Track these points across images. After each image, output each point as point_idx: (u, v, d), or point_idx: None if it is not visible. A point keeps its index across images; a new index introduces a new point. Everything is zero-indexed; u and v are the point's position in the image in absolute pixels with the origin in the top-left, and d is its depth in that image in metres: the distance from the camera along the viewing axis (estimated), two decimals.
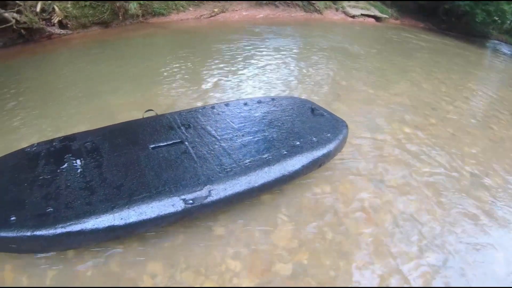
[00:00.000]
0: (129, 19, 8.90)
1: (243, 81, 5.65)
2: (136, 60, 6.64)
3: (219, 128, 3.23)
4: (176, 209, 2.39)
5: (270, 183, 2.73)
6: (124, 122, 3.39)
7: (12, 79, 5.64)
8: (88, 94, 4.97)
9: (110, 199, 2.39)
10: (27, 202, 2.41)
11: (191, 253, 2.59)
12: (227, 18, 9.90)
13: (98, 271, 2.48)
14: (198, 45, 7.56)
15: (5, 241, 2.25)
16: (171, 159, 2.81)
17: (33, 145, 3.02)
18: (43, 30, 7.95)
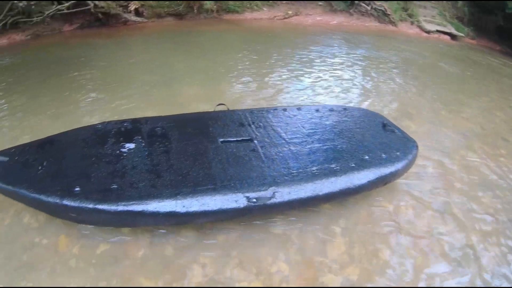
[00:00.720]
0: (203, 13, 9.11)
1: (311, 86, 5.58)
2: (208, 53, 6.74)
3: (289, 131, 3.19)
4: (238, 206, 2.38)
5: (334, 193, 2.67)
6: (195, 112, 3.44)
7: (87, 59, 5.91)
8: (158, 81, 5.11)
9: (175, 185, 2.42)
10: (93, 176, 2.50)
11: (245, 250, 2.58)
12: (300, 22, 9.85)
13: (150, 253, 2.52)
14: (269, 46, 7.57)
15: (67, 209, 2.34)
16: (239, 155, 2.80)
17: (104, 122, 3.14)
18: (120, 16, 8.37)
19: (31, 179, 2.50)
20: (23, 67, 6.11)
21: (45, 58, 6.57)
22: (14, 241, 2.70)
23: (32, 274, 2.51)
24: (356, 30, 9.97)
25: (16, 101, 4.67)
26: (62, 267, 2.51)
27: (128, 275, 2.40)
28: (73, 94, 4.80)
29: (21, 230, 2.77)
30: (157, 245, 2.56)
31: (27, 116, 4.29)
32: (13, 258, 2.62)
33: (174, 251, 2.53)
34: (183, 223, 2.60)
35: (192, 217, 2.36)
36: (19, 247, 2.66)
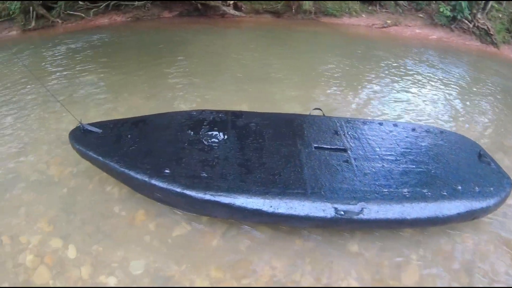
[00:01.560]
0: (301, 13, 9.08)
1: (406, 101, 5.38)
2: (303, 54, 6.73)
3: (383, 147, 3.09)
4: (325, 215, 2.33)
5: (421, 220, 2.54)
6: (291, 113, 3.42)
7: (183, 46, 6.10)
8: (252, 75, 5.19)
9: (265, 184, 2.42)
10: (184, 161, 2.57)
11: (318, 259, 2.54)
12: (398, 32, 9.51)
13: (224, 245, 2.55)
14: (366, 54, 7.40)
15: (154, 189, 2.43)
16: (332, 164, 2.75)
17: (199, 110, 3.21)
18: (218, 8, 8.66)
19: (122, 153, 2.61)
20: (122, 46, 6.48)
21: (143, 40, 6.92)
22: (94, 207, 2.83)
23: (104, 241, 2.63)
24: (455, 47, 9.45)
25: (114, 77, 4.94)
26: (136, 240, 2.60)
27: (199, 261, 2.44)
28: (167, 78, 5.00)
29: (102, 198, 2.90)
30: (232, 238, 2.58)
31: (122, 92, 4.51)
32: (90, 223, 2.75)
33: (247, 246, 2.53)
34: (266, 223, 2.59)
35: (277, 218, 2.35)
36: (98, 213, 2.79)
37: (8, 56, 6.67)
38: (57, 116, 4.10)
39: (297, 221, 2.40)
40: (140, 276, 2.39)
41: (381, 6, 9.63)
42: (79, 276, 2.44)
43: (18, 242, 2.74)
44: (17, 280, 2.49)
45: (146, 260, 2.46)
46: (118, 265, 2.46)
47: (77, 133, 2.90)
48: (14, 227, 2.84)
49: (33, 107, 4.49)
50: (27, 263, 2.58)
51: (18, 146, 3.76)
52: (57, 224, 2.81)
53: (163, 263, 2.44)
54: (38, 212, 2.92)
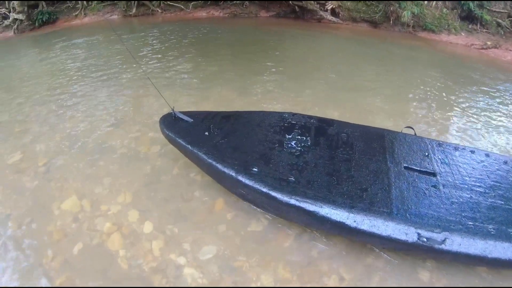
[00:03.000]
0: (398, 25, 8.90)
1: (500, 133, 5.06)
2: (397, 67, 6.63)
3: (473, 177, 2.94)
4: (407, 239, 2.28)
5: (501, 261, 2.39)
6: (382, 128, 3.36)
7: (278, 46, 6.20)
8: (345, 83, 5.16)
9: (352, 197, 2.39)
10: (273, 162, 2.59)
11: (385, 280, 2.48)
12: (498, 56, 8.96)
13: (297, 247, 2.55)
14: (462, 75, 7.01)
15: (239, 184, 2.47)
16: (419, 187, 2.67)
17: (291, 113, 3.23)
18: (316, 12, 8.76)
19: (211, 145, 2.69)
20: (217, 40, 6.69)
21: (239, 37, 7.10)
22: (175, 189, 2.95)
23: (181, 223, 2.73)
24: None
25: (208, 68, 5.13)
26: (211, 227, 2.68)
27: (269, 258, 2.47)
28: (259, 76, 5.10)
29: (185, 182, 3.02)
30: (305, 243, 2.58)
31: (214, 84, 4.66)
32: (170, 202, 2.88)
33: (319, 253, 2.52)
34: (346, 236, 2.55)
35: (359, 234, 2.31)
36: (179, 195, 2.91)
37: (112, 36, 7.17)
38: (151, 98, 4.32)
39: (377, 240, 2.35)
40: (207, 262, 2.46)
41: (482, 26, 9.22)
42: (150, 250, 2.56)
43: (98, 208, 2.92)
44: (91, 242, 2.66)
45: (217, 247, 2.52)
46: (189, 247, 2.55)
47: (168, 119, 3.02)
48: (97, 194, 3.04)
49: (130, 86, 4.78)
50: (104, 229, 2.75)
51: (112, 120, 4.02)
52: (138, 198, 2.96)
53: (233, 253, 2.49)
54: (121, 184, 3.11)
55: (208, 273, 2.40)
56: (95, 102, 4.49)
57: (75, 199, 3.03)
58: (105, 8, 9.26)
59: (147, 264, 2.49)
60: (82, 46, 7.25)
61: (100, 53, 6.59)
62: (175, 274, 2.41)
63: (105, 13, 9.21)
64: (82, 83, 5.21)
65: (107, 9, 9.28)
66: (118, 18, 9.10)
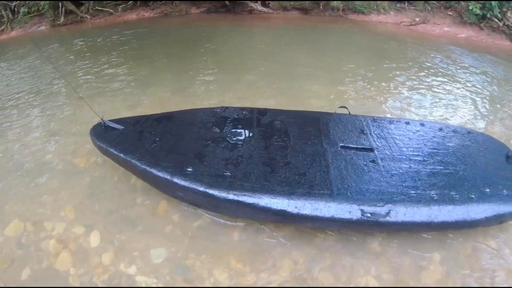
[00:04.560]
0: (329, 10, 9.03)
1: (433, 101, 5.28)
2: (330, 51, 6.69)
3: (410, 147, 3.00)
4: (351, 217, 2.27)
5: (448, 223, 2.46)
6: (316, 111, 3.36)
7: (210, 42, 6.15)
8: (279, 71, 5.18)
9: (290, 184, 2.37)
10: (207, 159, 2.54)
11: (338, 257, 2.51)
12: (427, 30, 9.33)
13: (246, 238, 2.54)
14: (393, 52, 7.30)
15: (176, 187, 2.40)
16: (358, 164, 2.68)
17: (223, 107, 3.18)
18: (246, 4, 8.74)
19: (144, 151, 2.60)
20: (149, 41, 6.57)
21: (171, 36, 7.00)
22: (118, 197, 2.88)
23: (128, 230, 2.68)
24: (485, 47, 9.22)
25: (141, 72, 5.01)
26: (158, 230, 2.63)
27: (220, 253, 2.45)
28: (194, 73, 5.03)
29: (126, 189, 2.95)
30: (254, 233, 2.58)
31: (148, 86, 4.58)
32: (114, 212, 2.81)
33: (269, 241, 2.52)
34: (290, 224, 2.55)
35: (302, 219, 2.30)
36: (122, 203, 2.85)
37: (37, 51, 6.84)
38: (84, 109, 4.17)
39: (322, 223, 2.35)
40: (160, 265, 2.42)
41: (410, 4, 9.50)
42: (100, 263, 2.49)
43: (43, 228, 2.81)
44: (40, 266, 2.56)
45: (167, 249, 2.49)
46: (139, 253, 2.50)
47: (99, 129, 2.92)
48: (39, 214, 2.93)
49: (61, 100, 4.61)
50: (50, 249, 2.64)
51: (46, 136, 3.87)
52: (81, 212, 2.87)
53: (183, 253, 2.46)
54: (63, 199, 3.00)
55: (161, 276, 2.36)
56: (26, 121, 4.29)
57: (17, 223, 2.89)
58: (32, 19, 8.75)
59: (99, 278, 2.42)
60: (9, 63, 6.88)
61: (30, 69, 6.28)
62: (129, 283, 2.35)
63: (32, 25, 8.73)
64: (10, 103, 4.93)
65: (35, 21, 8.76)
66: (47, 29, 8.69)
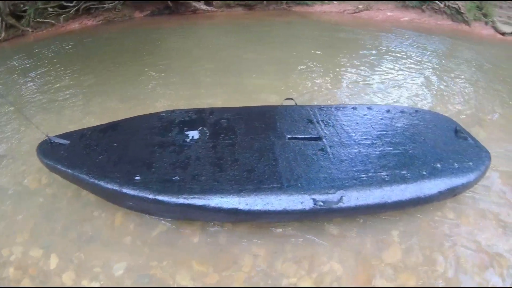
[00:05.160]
0: (272, 4, 9.09)
1: (381, 85, 5.40)
2: (276, 45, 6.74)
3: (359, 132, 3.04)
4: (304, 208, 2.29)
5: (403, 202, 2.51)
6: (262, 106, 3.37)
7: (156, 46, 6.07)
8: (227, 69, 5.18)
9: (239, 181, 2.37)
10: (155, 165, 2.49)
11: (298, 246, 2.53)
12: (370, 17, 9.56)
13: (205, 240, 2.54)
14: (338, 40, 7.44)
15: (126, 197, 2.36)
16: (307, 154, 2.70)
17: (168, 111, 3.14)
18: (189, 4, 8.64)
19: (91, 164, 2.54)
20: (94, 50, 6.41)
21: (116, 43, 6.86)
22: (73, 214, 2.81)
23: (86, 247, 2.61)
24: (428, 28, 9.53)
25: (87, 82, 4.89)
26: (117, 242, 2.58)
27: (181, 258, 2.43)
28: (141, 78, 4.96)
29: (80, 204, 2.88)
30: (211, 233, 2.57)
31: (96, 96, 4.48)
32: (70, 229, 2.74)
33: (228, 240, 2.52)
34: (244, 222, 2.55)
35: (255, 216, 2.30)
36: (78, 219, 2.78)
37: None
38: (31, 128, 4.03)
39: (276, 217, 2.35)
40: (122, 277, 2.37)
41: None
42: (62, 284, 2.42)
43: (1, 256, 2.71)
44: None
45: (128, 260, 2.44)
46: (100, 269, 2.44)
47: (45, 146, 2.82)
48: None
49: (5, 121, 4.44)
50: (11, 277, 2.55)
51: None
52: (38, 234, 2.78)
53: (145, 262, 2.43)
54: (18, 224, 2.89)
55: None
56: None
57: None
58: None
59: None
60: None
61: None
62: None
63: None
64: None
65: None
66: None
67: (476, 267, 2.63)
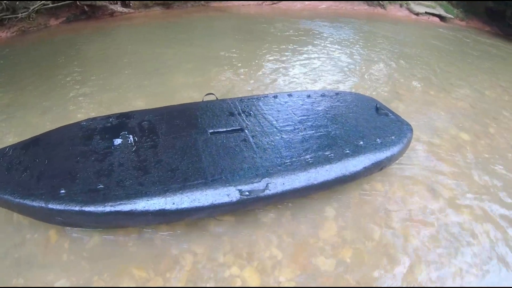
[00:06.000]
0: (191, 1, 9.03)
1: (303, 72, 5.56)
2: (197, 41, 6.73)
3: (280, 119, 3.12)
4: (231, 200, 2.32)
5: (329, 182, 2.61)
6: (183, 104, 3.36)
7: (75, 53, 5.86)
8: (148, 71, 5.11)
9: (164, 182, 2.35)
10: (79, 176, 2.42)
11: (236, 237, 2.58)
12: (288, 6, 9.79)
13: (142, 244, 2.52)
14: (258, 31, 7.55)
15: (52, 213, 2.27)
16: (229, 146, 2.73)
17: (89, 119, 3.05)
18: (106, 7, 8.31)
19: (15, 183, 2.41)
20: (9, 64, 6.04)
21: (32, 54, 6.51)
22: (6, 239, 2.69)
23: (25, 272, 2.50)
24: (345, 13, 9.92)
25: (2, 100, 4.62)
26: (54, 262, 2.50)
27: (121, 267, 2.40)
28: (62, 89, 4.76)
29: (12, 228, 2.75)
30: (147, 237, 2.55)
31: (14, 114, 4.25)
32: (6, 256, 2.61)
33: (165, 242, 2.52)
34: (175, 221, 2.54)
35: (183, 214, 2.30)
36: (11, 245, 2.65)
37: None
38: None
39: (204, 212, 2.36)
40: None
41: None
42: None
43: None
44: None
45: (68, 278, 2.37)
46: None
47: None
48: None
49: None
50: None
51: None
52: None
53: (85, 277, 2.37)
54: None
55: None
56: None
57: None
58: None
59: None
60: None
61: None
62: None
63: None
64: None
65: None
66: None
67: (411, 230, 2.82)
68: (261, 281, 2.33)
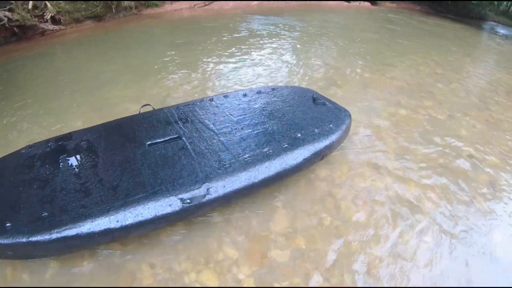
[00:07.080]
0: (122, 11, 8.86)
1: (240, 71, 5.63)
2: (131, 52, 6.65)
3: (217, 122, 3.15)
4: (174, 209, 2.34)
5: (271, 178, 2.67)
6: (120, 118, 3.32)
7: (7, 77, 5.62)
8: (84, 88, 5.00)
9: (106, 201, 2.33)
10: (23, 207, 2.35)
11: (190, 244, 2.60)
12: (221, 6, 9.84)
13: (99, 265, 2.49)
14: (193, 35, 7.53)
15: (1, 248, 2.20)
16: (168, 156, 2.74)
17: (28, 146, 2.96)
18: (36, 26, 7.92)
19: None
20: None
21: None
22: None
23: None
24: (277, 8, 10.10)
25: None
26: None
27: None
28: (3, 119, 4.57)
29: None
30: (104, 257, 2.52)
31: None
32: None
33: (121, 259, 2.50)
34: (123, 238, 2.51)
35: (129, 230, 2.28)
36: None
37: None
38: None
39: (149, 225, 2.36)
40: None
41: None
42: None
43: None
44: None
45: None
46: None
47: None
48: None
49: None
50: None
51: None
52: None
53: None
54: None
55: None
56: None
57: None
58: None
59: None
60: None
61: None
62: None
63: None
64: None
65: None
66: None
67: (359, 210, 2.95)
68: (220, 282, 2.37)
